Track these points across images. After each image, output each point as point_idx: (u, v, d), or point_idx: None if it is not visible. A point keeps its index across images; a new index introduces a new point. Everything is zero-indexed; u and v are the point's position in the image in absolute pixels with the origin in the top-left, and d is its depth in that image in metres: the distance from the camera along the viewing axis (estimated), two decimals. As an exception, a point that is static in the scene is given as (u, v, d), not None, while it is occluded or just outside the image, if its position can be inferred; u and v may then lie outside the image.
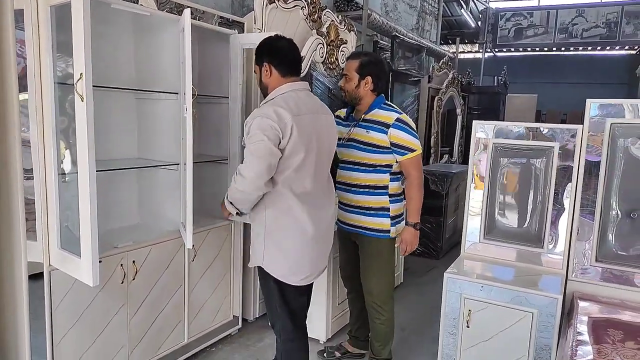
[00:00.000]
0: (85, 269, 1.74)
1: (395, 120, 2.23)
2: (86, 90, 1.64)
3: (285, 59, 1.92)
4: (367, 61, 2.31)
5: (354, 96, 2.32)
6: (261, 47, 1.96)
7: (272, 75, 1.92)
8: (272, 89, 1.92)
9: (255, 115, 1.83)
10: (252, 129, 1.81)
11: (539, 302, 2.03)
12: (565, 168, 2.24)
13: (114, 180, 2.42)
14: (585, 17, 11.78)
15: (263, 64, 1.93)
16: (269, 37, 1.99)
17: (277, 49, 1.93)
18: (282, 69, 1.91)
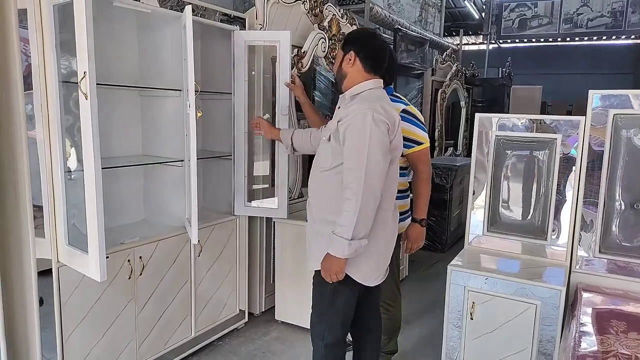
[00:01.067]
0: (93, 265, 1.77)
1: (402, 111, 2.13)
2: (90, 89, 1.66)
3: (373, 55, 1.85)
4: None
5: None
6: (353, 36, 1.94)
7: (354, 65, 1.84)
8: (351, 80, 1.85)
9: (358, 111, 1.69)
10: (362, 124, 1.66)
11: (543, 294, 2.03)
12: (568, 159, 2.23)
13: (119, 177, 2.44)
14: (590, 7, 11.64)
15: (350, 51, 1.85)
16: (366, 29, 1.96)
17: (367, 41, 1.88)
18: (366, 64, 1.84)
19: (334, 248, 1.69)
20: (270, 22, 2.86)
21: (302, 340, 2.75)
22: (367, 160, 1.65)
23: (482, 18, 12.06)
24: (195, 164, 2.21)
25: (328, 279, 1.74)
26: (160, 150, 2.53)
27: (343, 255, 1.68)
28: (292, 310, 2.92)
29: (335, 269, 1.71)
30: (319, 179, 1.87)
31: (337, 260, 1.70)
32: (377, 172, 1.67)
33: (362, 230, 1.67)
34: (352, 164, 1.67)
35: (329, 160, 1.80)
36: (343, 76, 1.87)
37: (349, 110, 1.73)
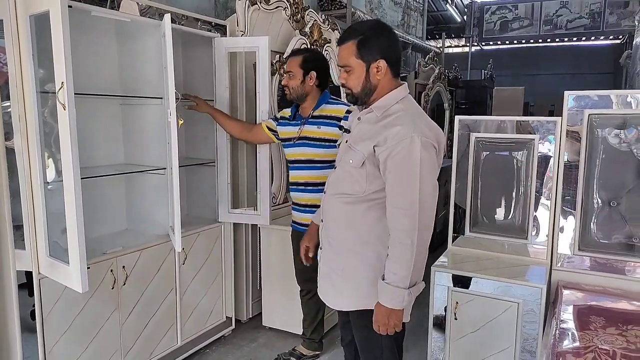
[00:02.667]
0: (74, 276, 1.76)
1: (346, 112, 2.25)
2: (68, 99, 1.65)
3: (399, 55, 1.58)
4: (309, 57, 2.33)
5: (299, 93, 2.31)
6: (371, 38, 1.52)
7: (385, 75, 1.54)
8: (380, 92, 1.56)
9: (402, 135, 1.44)
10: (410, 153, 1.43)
11: (525, 292, 2.06)
12: (546, 159, 2.27)
13: (101, 187, 2.43)
14: (569, 8, 11.88)
15: (377, 59, 1.52)
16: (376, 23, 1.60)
17: (391, 41, 1.56)
18: (394, 70, 1.56)
19: (391, 300, 1.47)
20: (252, 28, 2.87)
21: (290, 345, 2.75)
22: (420, 197, 1.42)
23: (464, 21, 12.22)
24: (178, 171, 2.20)
25: (385, 332, 1.52)
26: (142, 158, 2.52)
27: (403, 307, 1.48)
28: (279, 316, 2.92)
29: (393, 322, 1.50)
30: (343, 206, 1.62)
31: (395, 313, 1.49)
32: (431, 207, 1.46)
33: (419, 274, 1.47)
34: (402, 202, 1.44)
35: (360, 187, 1.56)
36: (372, 90, 1.56)
37: (388, 134, 1.47)
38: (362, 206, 1.58)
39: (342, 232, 1.64)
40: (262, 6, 2.95)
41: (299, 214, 2.40)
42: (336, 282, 1.67)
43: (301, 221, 2.40)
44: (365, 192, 1.56)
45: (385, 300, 1.48)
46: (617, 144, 2.10)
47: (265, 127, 2.51)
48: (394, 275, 1.46)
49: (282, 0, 3.12)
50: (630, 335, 1.65)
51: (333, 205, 1.67)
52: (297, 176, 2.36)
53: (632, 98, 2.07)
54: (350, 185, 1.59)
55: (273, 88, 2.95)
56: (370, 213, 1.56)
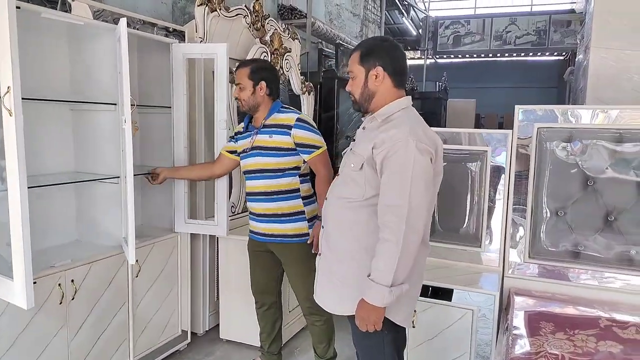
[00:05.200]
0: (19, 291, 1.66)
1: (296, 120, 2.24)
2: (14, 104, 1.56)
3: (401, 68, 1.64)
4: (257, 67, 2.31)
5: (251, 104, 2.29)
6: (374, 48, 1.63)
7: (383, 83, 1.61)
8: (380, 100, 1.62)
9: (398, 138, 1.49)
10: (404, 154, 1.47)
11: (478, 299, 2.13)
12: (498, 170, 2.36)
13: (49, 196, 2.31)
14: (518, 25, 12.51)
15: (376, 66, 1.60)
16: (382, 38, 1.75)
17: (394, 54, 1.64)
18: (395, 79, 1.62)
19: (371, 296, 1.49)
20: (211, 35, 2.83)
21: (248, 358, 2.70)
22: (409, 196, 1.45)
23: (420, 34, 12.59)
24: (132, 180, 2.13)
25: (364, 328, 1.55)
26: (94, 166, 2.42)
27: (383, 304, 1.48)
28: (236, 328, 2.87)
29: (374, 319, 1.51)
30: (344, 211, 1.64)
31: (375, 309, 1.49)
32: (420, 209, 1.47)
33: (403, 274, 1.48)
34: (392, 201, 1.48)
35: (360, 191, 1.58)
36: (370, 96, 1.63)
37: (385, 136, 1.52)
38: (362, 212, 1.60)
39: (342, 238, 1.66)
40: (222, 13, 2.92)
41: (255, 223, 2.37)
42: (338, 287, 1.68)
43: (257, 230, 2.37)
44: (365, 197, 1.58)
45: (367, 296, 1.50)
46: (564, 157, 2.21)
47: (226, 152, 2.49)
48: (378, 271, 1.48)
49: (243, 8, 3.11)
50: (577, 340, 1.73)
51: (334, 209, 1.68)
52: (252, 186, 2.34)
53: (577, 113, 2.19)
54: (351, 189, 1.62)
55: (232, 97, 2.92)
56: (371, 220, 1.57)
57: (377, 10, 9.08)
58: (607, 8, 2.76)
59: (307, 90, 3.94)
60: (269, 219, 2.30)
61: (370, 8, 8.68)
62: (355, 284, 1.59)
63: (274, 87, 2.32)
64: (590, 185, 2.18)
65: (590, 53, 2.82)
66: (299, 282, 2.37)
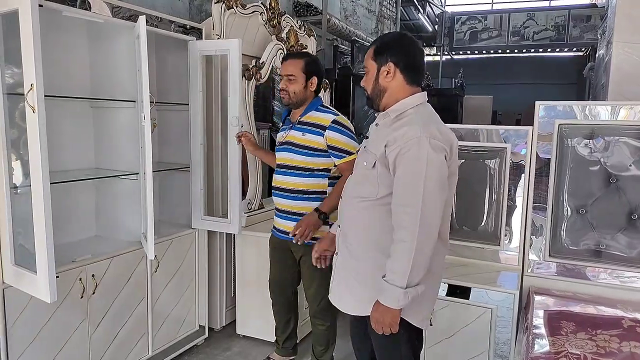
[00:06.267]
0: (42, 285, 1.69)
1: (332, 122, 2.17)
2: (37, 101, 1.59)
3: (415, 64, 1.60)
4: (311, 60, 2.25)
5: (300, 97, 2.22)
6: (387, 44, 1.60)
7: (394, 79, 1.58)
8: (392, 96, 1.59)
9: (411, 135, 1.45)
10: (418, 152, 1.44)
11: (497, 298, 2.10)
12: (517, 167, 2.33)
13: (70, 192, 2.35)
14: (536, 21, 12.29)
15: (387, 62, 1.57)
16: (398, 33, 1.70)
17: (408, 49, 1.59)
18: (408, 76, 1.58)
19: (386, 298, 1.47)
20: (228, 32, 2.84)
21: (264, 354, 2.71)
22: (423, 195, 1.41)
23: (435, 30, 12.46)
24: (151, 176, 2.15)
25: (379, 331, 1.52)
26: (113, 163, 2.45)
27: (398, 306, 1.46)
28: (253, 324, 2.88)
29: (389, 321, 1.49)
30: (360, 210, 1.62)
31: (390, 311, 1.47)
32: (434, 209, 1.44)
33: (418, 276, 1.45)
34: (406, 200, 1.45)
35: (374, 189, 1.56)
36: (381, 92, 1.60)
37: (397, 134, 1.49)
38: (377, 211, 1.57)
39: (359, 237, 1.63)
40: (238, 10, 2.92)
41: (278, 220, 2.36)
42: (354, 287, 1.66)
43: (279, 227, 2.36)
44: (378, 195, 1.55)
45: (382, 298, 1.48)
46: (586, 154, 2.17)
47: None
48: (392, 273, 1.46)
49: (259, 5, 3.11)
50: (599, 340, 1.70)
51: (350, 208, 1.66)
52: (280, 181, 2.31)
53: (599, 109, 2.15)
54: (364, 187, 1.60)
55: (249, 93, 2.93)
56: (386, 219, 1.53)
57: (393, 6, 9.02)
58: (630, 1, 2.69)
59: (322, 87, 3.93)
60: (292, 217, 2.27)
61: (386, 4, 8.62)
62: (372, 284, 1.56)
63: (320, 84, 2.28)
64: (613, 182, 2.14)
65: (612, 48, 2.76)
66: (311, 284, 2.34)
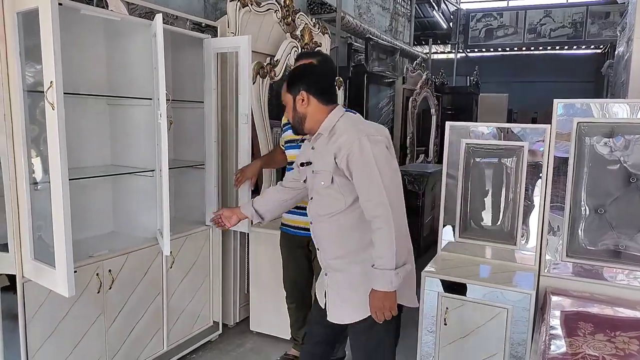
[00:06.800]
0: (61, 280, 1.71)
1: None
2: (57, 99, 1.61)
3: (325, 87, 1.75)
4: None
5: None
6: (296, 75, 1.77)
7: (310, 104, 1.71)
8: (313, 119, 1.72)
9: (350, 140, 1.60)
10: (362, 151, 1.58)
11: (513, 298, 2.08)
12: (535, 166, 2.30)
13: (87, 188, 2.38)
14: (553, 18, 12.10)
15: (300, 91, 1.72)
16: (304, 65, 1.90)
17: (315, 76, 1.76)
18: (322, 98, 1.72)
19: (381, 283, 1.56)
20: (243, 30, 2.84)
21: (278, 351, 2.72)
22: (384, 184, 1.56)
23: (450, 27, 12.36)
24: (167, 173, 2.17)
25: (381, 318, 1.59)
26: (129, 160, 2.48)
27: (393, 288, 1.55)
28: (267, 321, 2.89)
29: (389, 305, 1.57)
30: (331, 224, 1.71)
31: (388, 295, 1.56)
32: (397, 192, 1.60)
33: (403, 255, 1.57)
34: (371, 194, 1.57)
35: (341, 201, 1.66)
36: (302, 118, 1.74)
37: (340, 143, 1.62)
38: (349, 218, 1.68)
39: (339, 250, 1.72)
40: (253, 8, 2.93)
41: (290, 216, 2.37)
42: (348, 296, 1.72)
43: (291, 223, 2.38)
44: (347, 204, 1.66)
45: (377, 284, 1.57)
46: (605, 153, 2.13)
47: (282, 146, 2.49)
48: (380, 259, 1.56)
49: (273, 3, 3.11)
50: (618, 342, 1.67)
51: (322, 226, 1.76)
52: None
53: (619, 107, 2.11)
54: (330, 204, 1.70)
55: (264, 91, 2.93)
56: (359, 221, 1.65)
57: (407, 3, 8.96)
58: (652, -2, 2.64)
59: (336, 85, 3.93)
60: (305, 212, 2.26)
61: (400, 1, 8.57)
62: (364, 289, 1.63)
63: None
64: (633, 182, 2.10)
65: (633, 45, 2.70)
66: None
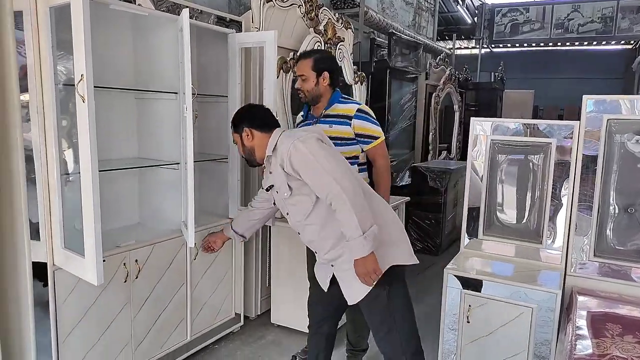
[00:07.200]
0: (90, 268, 1.76)
1: (357, 111, 2.29)
2: (87, 91, 1.65)
3: (261, 120, 1.97)
4: (320, 57, 2.33)
5: (314, 95, 2.31)
6: (237, 117, 2.01)
7: (255, 137, 1.95)
8: (260, 149, 1.94)
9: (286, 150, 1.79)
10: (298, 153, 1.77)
11: (539, 297, 2.05)
12: (562, 163, 2.25)
13: (114, 180, 2.43)
14: (581, 12, 11.79)
15: (243, 129, 1.96)
16: (242, 107, 2.12)
17: (252, 113, 2.00)
18: (262, 128, 1.95)
19: (355, 251, 1.71)
20: (267, 25, 2.86)
21: (298, 343, 2.74)
22: (328, 172, 1.73)
23: (475, 23, 12.16)
24: (192, 166, 2.20)
25: (371, 281, 1.75)
26: (155, 153, 2.52)
27: (368, 251, 1.70)
28: (287, 314, 2.92)
29: (370, 267, 1.72)
30: (312, 223, 1.88)
31: (367, 259, 1.71)
32: (343, 172, 1.76)
33: (367, 220, 1.71)
34: (323, 186, 1.74)
35: (308, 200, 1.84)
36: (252, 151, 1.97)
37: (280, 155, 1.83)
38: (321, 211, 1.84)
39: (327, 240, 1.87)
40: (277, 3, 2.94)
41: None
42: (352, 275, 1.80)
43: None
44: (313, 200, 1.83)
45: (354, 253, 1.72)
46: (638, 151, 2.07)
47: None
48: (349, 231, 1.71)
49: (298, -2, 3.12)
50: (648, 344, 1.63)
51: (307, 230, 1.91)
52: None
53: (652, 104, 2.04)
54: (301, 208, 1.87)
55: (287, 85, 2.94)
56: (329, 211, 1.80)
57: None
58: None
59: (359, 80, 3.91)
60: None
61: (424, -4, 8.46)
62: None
63: (335, 77, 2.34)
64: (666, 181, 2.04)
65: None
66: None
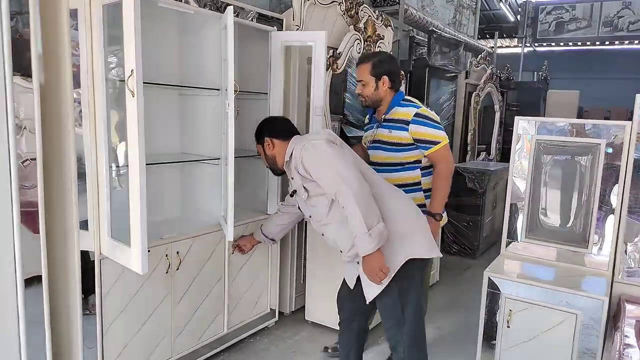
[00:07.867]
0: (135, 258, 1.82)
1: (414, 115, 2.22)
2: (137, 86, 1.70)
3: (280, 131, 2.06)
4: (378, 61, 2.28)
5: (375, 99, 2.30)
6: (259, 129, 2.12)
7: (275, 146, 2.04)
8: (281, 157, 2.02)
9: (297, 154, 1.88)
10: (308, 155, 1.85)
11: (584, 304, 1.97)
12: (612, 167, 2.16)
13: (158, 174, 2.49)
14: (632, 10, 11.26)
15: (265, 140, 2.06)
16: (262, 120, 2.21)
17: (271, 124, 2.12)
18: (282, 138, 2.03)
19: (361, 248, 1.74)
20: (307, 23, 2.87)
21: (332, 341, 2.74)
22: (336, 170, 1.78)
23: (518, 21, 11.83)
24: (233, 162, 2.24)
25: (378, 279, 1.76)
26: (197, 148, 2.57)
27: (373, 248, 1.71)
28: (322, 311, 2.92)
29: (377, 265, 1.74)
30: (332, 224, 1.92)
31: (372, 257, 1.73)
32: (349, 171, 1.78)
33: (373, 218, 1.73)
34: (331, 183, 1.79)
35: (324, 200, 1.89)
36: (274, 159, 2.06)
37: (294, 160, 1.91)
38: (338, 209, 1.84)
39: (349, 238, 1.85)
40: (317, 1, 2.95)
41: None
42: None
43: None
44: (329, 199, 1.86)
45: (360, 251, 1.75)
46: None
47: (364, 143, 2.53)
48: (355, 228, 1.74)
49: (338, -5, 3.11)
50: None
51: (329, 230, 1.96)
52: None
53: None
54: (321, 208, 1.92)
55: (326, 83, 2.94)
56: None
57: (473, -5, 8.66)
58: None
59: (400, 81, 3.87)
60: None
61: (465, -6, 8.29)
62: None
63: (396, 80, 2.31)
64: None
65: None
66: None
